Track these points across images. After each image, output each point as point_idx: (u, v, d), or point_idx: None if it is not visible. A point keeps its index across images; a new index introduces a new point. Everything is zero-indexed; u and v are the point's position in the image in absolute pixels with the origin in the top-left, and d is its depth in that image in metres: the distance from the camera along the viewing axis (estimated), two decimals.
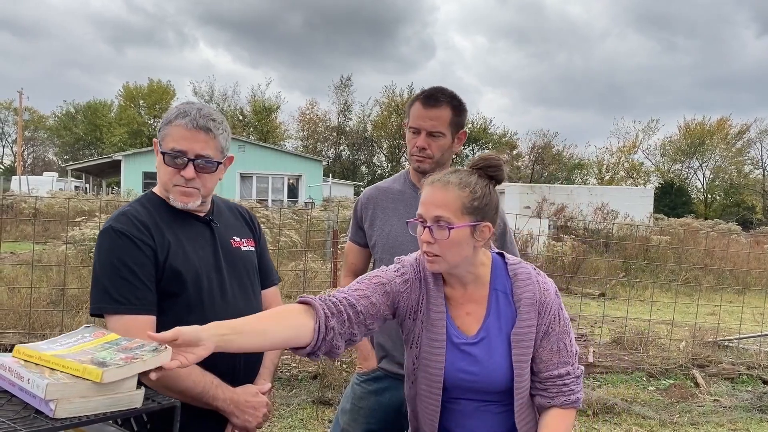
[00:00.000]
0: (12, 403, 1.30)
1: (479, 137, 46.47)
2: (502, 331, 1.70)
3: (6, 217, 14.82)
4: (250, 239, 2.09)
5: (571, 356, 1.73)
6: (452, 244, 1.62)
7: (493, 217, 1.68)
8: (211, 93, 49.05)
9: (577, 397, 1.72)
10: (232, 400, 1.81)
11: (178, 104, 1.93)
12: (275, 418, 4.72)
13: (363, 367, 2.43)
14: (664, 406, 5.35)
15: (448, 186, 1.64)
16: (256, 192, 31.17)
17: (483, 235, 1.66)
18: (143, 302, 1.74)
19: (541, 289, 1.72)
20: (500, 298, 1.72)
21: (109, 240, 1.78)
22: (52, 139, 56.27)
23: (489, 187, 1.68)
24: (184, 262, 1.82)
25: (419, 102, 2.27)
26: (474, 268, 1.72)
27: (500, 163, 1.71)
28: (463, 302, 1.74)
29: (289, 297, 7.69)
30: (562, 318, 1.72)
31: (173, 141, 1.83)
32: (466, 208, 1.62)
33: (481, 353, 1.70)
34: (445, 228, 1.60)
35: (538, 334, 1.70)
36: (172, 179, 1.84)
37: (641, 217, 18.90)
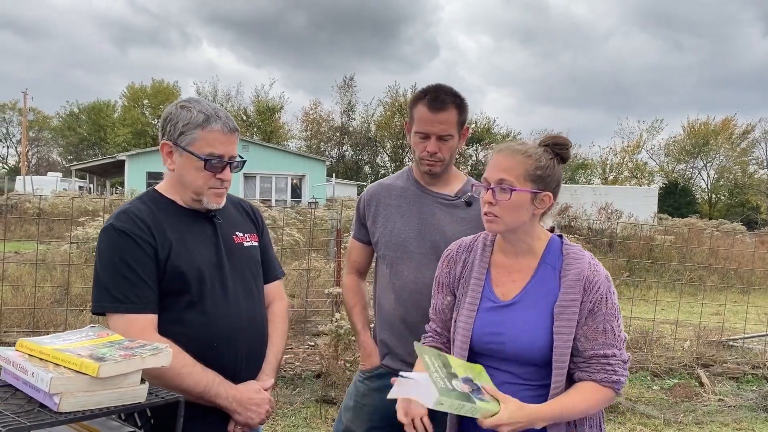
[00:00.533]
0: (16, 396, 1.30)
1: (483, 137, 46.42)
2: (540, 300, 1.73)
3: (10, 216, 14.87)
4: (253, 234, 2.08)
5: (618, 341, 1.72)
6: (512, 207, 1.72)
7: (554, 189, 1.77)
8: (214, 93, 49.11)
9: (617, 379, 1.70)
10: (234, 397, 1.81)
11: (185, 103, 1.88)
12: (278, 416, 4.72)
13: (366, 364, 2.42)
14: (669, 406, 5.34)
15: (514, 153, 1.76)
16: (260, 192, 31.21)
17: (543, 203, 1.75)
18: (144, 301, 1.74)
19: (591, 268, 1.74)
20: (547, 271, 1.77)
21: (109, 238, 1.77)
22: (56, 140, 56.41)
23: (554, 161, 1.77)
24: (186, 260, 1.82)
25: (425, 106, 2.23)
26: (529, 238, 1.79)
27: (567, 142, 1.81)
28: (511, 271, 1.81)
29: (293, 296, 7.69)
30: (610, 301, 1.72)
31: (210, 146, 1.83)
32: (529, 174, 1.73)
33: (510, 316, 1.75)
34: (507, 190, 1.71)
35: (583, 311, 1.71)
36: (208, 182, 1.86)
37: (645, 216, 18.86)
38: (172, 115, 1.86)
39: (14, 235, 13.02)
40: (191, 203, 1.91)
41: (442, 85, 2.29)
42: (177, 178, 1.88)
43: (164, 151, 1.87)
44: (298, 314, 6.68)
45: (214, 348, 1.84)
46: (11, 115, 54.25)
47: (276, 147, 36.31)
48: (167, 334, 1.75)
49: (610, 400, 1.75)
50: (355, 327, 2.52)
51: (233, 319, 1.89)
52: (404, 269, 2.31)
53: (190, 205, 1.91)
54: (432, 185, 2.37)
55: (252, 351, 1.95)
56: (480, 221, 2.31)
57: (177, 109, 1.87)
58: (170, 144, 1.85)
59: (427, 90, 2.28)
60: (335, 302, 6.05)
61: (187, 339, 1.77)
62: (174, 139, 1.84)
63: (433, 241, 2.30)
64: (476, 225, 2.33)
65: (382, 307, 2.39)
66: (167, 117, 1.87)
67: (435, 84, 2.31)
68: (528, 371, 1.75)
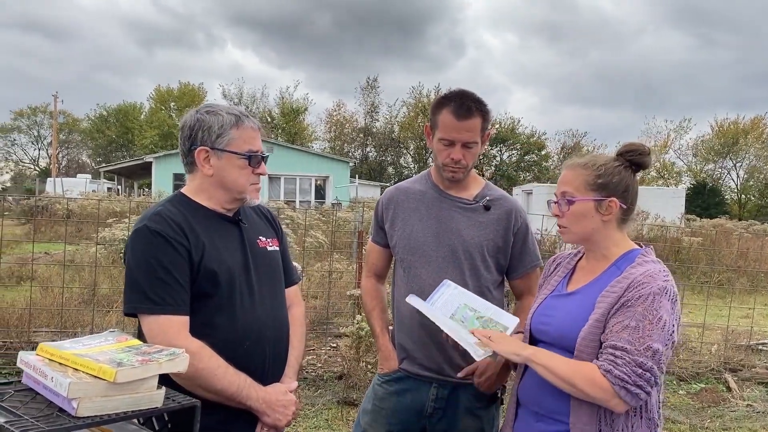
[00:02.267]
0: (36, 400, 1.33)
1: (507, 137, 46.12)
2: (594, 294, 1.79)
3: (41, 218, 15.17)
4: (274, 239, 2.12)
5: (642, 344, 1.64)
6: (576, 216, 1.83)
7: (622, 195, 1.82)
8: (240, 95, 49.57)
9: (618, 374, 1.63)
10: (264, 399, 1.85)
11: (209, 109, 1.93)
12: (300, 417, 4.74)
13: (384, 367, 2.42)
14: (695, 411, 5.25)
15: (574, 166, 1.86)
16: (284, 193, 31.40)
17: (610, 209, 1.81)
18: (179, 302, 1.77)
19: (646, 273, 1.74)
20: (613, 272, 1.82)
21: (144, 239, 1.79)
22: (85, 142, 57.42)
23: (621, 168, 1.83)
24: (218, 263, 1.85)
25: (451, 114, 2.21)
26: (605, 244, 1.86)
27: (638, 148, 1.85)
28: (587, 272, 1.91)
29: (315, 297, 7.72)
30: (653, 309, 1.67)
31: (248, 143, 1.90)
32: (589, 184, 1.81)
33: (564, 303, 1.87)
34: (569, 202, 1.83)
35: (616, 304, 1.71)
36: (250, 178, 1.92)
37: (672, 217, 18.56)
38: (201, 122, 1.89)
39: (44, 236, 13.26)
40: (228, 204, 1.95)
41: (467, 92, 2.28)
42: (216, 182, 1.91)
43: (200, 158, 1.89)
44: (320, 315, 6.71)
45: (244, 350, 1.87)
46: (42, 118, 55.38)
47: (300, 148, 36.51)
48: (198, 336, 1.77)
49: (603, 393, 1.66)
50: (373, 330, 2.53)
51: (261, 322, 1.93)
52: (422, 273, 2.31)
53: (223, 206, 1.95)
54: (451, 189, 2.37)
55: (277, 353, 1.99)
56: (497, 226, 2.32)
57: (204, 115, 1.90)
58: (207, 149, 1.88)
59: (452, 96, 2.26)
60: (357, 304, 6.06)
61: (217, 341, 1.80)
62: (211, 143, 1.88)
63: (450, 245, 2.30)
64: (494, 229, 2.32)
65: (400, 311, 2.39)
66: (194, 125, 1.90)
67: (459, 90, 2.29)
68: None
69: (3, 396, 1.33)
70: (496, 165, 46.68)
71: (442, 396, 2.31)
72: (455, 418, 2.32)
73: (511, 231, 2.34)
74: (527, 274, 2.39)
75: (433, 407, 2.32)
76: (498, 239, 2.32)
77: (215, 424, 1.76)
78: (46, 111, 53.89)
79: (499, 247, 2.33)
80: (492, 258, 2.33)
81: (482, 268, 2.31)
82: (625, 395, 1.64)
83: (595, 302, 1.77)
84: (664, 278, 1.74)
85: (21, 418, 1.22)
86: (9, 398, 1.32)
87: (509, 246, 2.35)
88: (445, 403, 2.31)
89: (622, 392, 1.64)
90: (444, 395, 2.31)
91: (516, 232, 2.35)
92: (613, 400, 1.66)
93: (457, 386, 2.30)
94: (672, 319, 1.71)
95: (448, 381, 2.30)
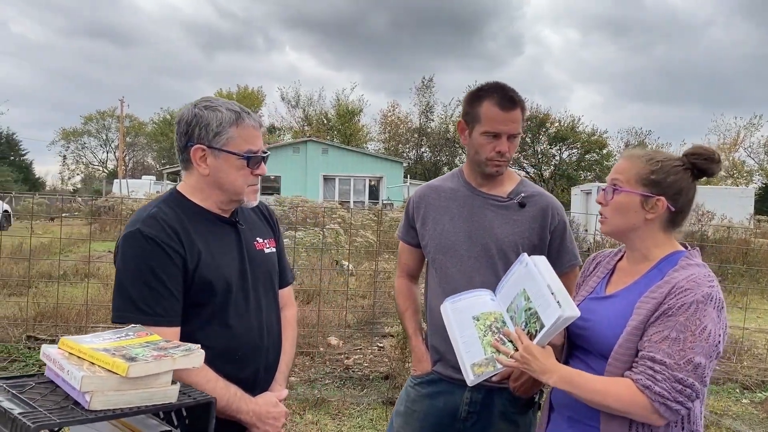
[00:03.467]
0: (56, 393, 1.34)
1: (566, 136, 45.12)
2: (633, 296, 1.70)
3: (106, 217, 15.77)
4: (271, 239, 2.04)
5: (683, 358, 1.55)
6: (618, 208, 1.74)
7: (673, 197, 1.72)
8: (297, 98, 50.28)
9: (657, 390, 1.54)
10: (254, 412, 1.79)
11: (208, 104, 1.82)
12: (345, 416, 4.74)
13: (417, 369, 2.38)
14: (759, 421, 4.97)
15: (632, 157, 1.78)
16: (339, 194, 31.69)
17: (656, 208, 1.71)
18: (170, 313, 1.70)
19: (689, 278, 1.63)
20: (654, 275, 1.73)
21: (136, 245, 1.70)
22: (150, 145, 59.43)
23: (680, 169, 1.72)
24: (215, 271, 1.77)
25: (495, 105, 2.17)
26: (645, 245, 1.76)
27: (706, 153, 1.73)
28: (627, 274, 1.81)
29: (364, 297, 7.73)
30: (696, 318, 1.57)
31: (248, 142, 1.80)
32: (642, 178, 1.72)
33: (602, 306, 1.78)
34: (615, 190, 1.74)
35: (657, 311, 1.61)
36: (248, 180, 1.83)
37: (740, 218, 17.73)
38: (198, 117, 1.78)
39: (109, 235, 13.77)
40: (223, 206, 1.87)
41: (505, 84, 2.24)
42: (212, 182, 1.82)
43: (196, 156, 1.79)
44: (367, 315, 6.71)
45: (237, 359, 1.82)
46: (110, 122, 57.65)
47: (355, 149, 36.74)
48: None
49: (642, 410, 1.57)
50: (407, 331, 2.49)
51: (255, 331, 1.87)
52: (454, 273, 2.25)
53: (219, 207, 1.87)
54: (484, 186, 2.30)
55: (269, 362, 1.94)
56: (533, 223, 2.24)
57: (202, 110, 1.79)
58: (204, 147, 1.78)
59: (492, 88, 2.22)
60: None
61: (209, 352, 1.67)
62: (208, 142, 1.78)
63: (483, 244, 2.23)
64: (529, 227, 2.24)
65: (432, 312, 2.34)
66: (191, 120, 1.79)
67: (496, 82, 2.25)
68: (598, 363, 1.71)
69: (24, 388, 1.35)
70: (556, 164, 45.72)
71: (476, 400, 2.25)
72: (490, 422, 2.25)
73: (548, 229, 2.26)
74: (565, 274, 2.28)
75: (467, 411, 2.26)
76: (534, 237, 2.24)
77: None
78: (113, 115, 56.08)
79: (535, 246, 2.25)
80: None
81: None
82: (664, 411, 1.56)
83: (634, 307, 1.67)
84: (709, 284, 1.63)
85: (35, 409, 1.24)
86: (29, 390, 1.34)
87: (546, 244, 2.27)
88: (479, 407, 2.25)
89: (662, 408, 1.56)
90: (478, 399, 2.25)
91: (553, 230, 2.27)
92: (653, 416, 1.58)
93: (491, 390, 2.23)
94: (718, 329, 1.60)
95: (483, 384, 2.22)
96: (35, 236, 8.98)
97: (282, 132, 49.21)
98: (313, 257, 9.05)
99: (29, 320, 6.10)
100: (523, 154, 45.30)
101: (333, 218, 12.37)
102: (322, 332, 6.12)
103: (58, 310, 6.13)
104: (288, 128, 50.41)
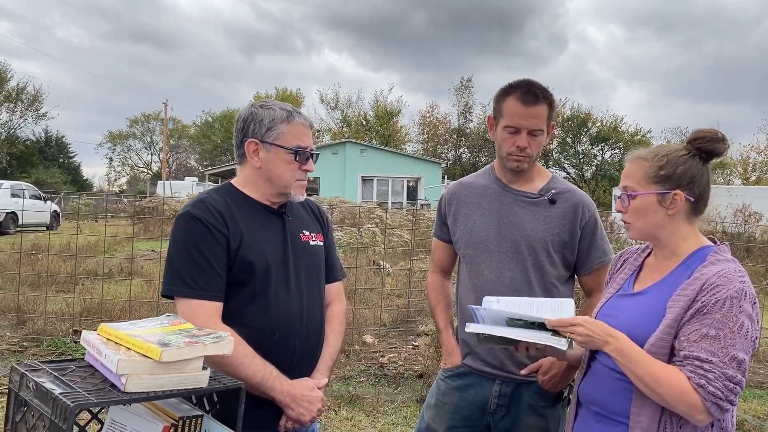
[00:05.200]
0: (94, 376, 1.41)
1: (608, 136, 44.34)
2: (662, 294, 1.68)
3: (150, 217, 16.18)
4: (319, 234, 2.12)
5: (726, 354, 1.53)
6: (637, 211, 1.74)
7: (688, 186, 1.70)
8: (336, 100, 50.63)
9: (710, 389, 1.52)
10: (288, 392, 1.84)
11: (263, 104, 1.98)
12: (379, 413, 4.78)
13: (447, 362, 2.40)
14: None
15: (635, 159, 1.77)
16: (377, 194, 31.80)
17: (675, 203, 1.70)
18: (212, 288, 1.81)
19: (720, 273, 1.61)
20: (682, 271, 1.71)
21: (185, 225, 1.85)
22: (193, 147, 60.68)
23: (687, 158, 1.71)
24: (255, 253, 1.87)
25: (517, 100, 2.18)
26: (673, 240, 1.74)
27: (707, 135, 1.72)
28: (655, 270, 1.79)
29: (400, 297, 7.76)
30: (731, 312, 1.55)
31: (297, 138, 1.94)
32: (651, 177, 1.71)
33: (630, 303, 1.76)
34: (630, 197, 1.74)
35: (690, 309, 1.59)
36: (296, 174, 1.95)
37: None
38: (253, 115, 1.95)
39: (152, 234, 14.13)
40: (273, 198, 1.98)
41: (533, 80, 2.24)
42: (263, 174, 1.95)
43: (249, 150, 1.94)
44: (402, 314, 6.73)
45: (273, 341, 1.88)
46: (154, 125, 59.05)
47: (393, 150, 36.81)
48: (229, 323, 1.80)
49: (690, 408, 1.54)
50: (437, 325, 2.51)
51: (293, 315, 1.93)
52: (484, 268, 2.26)
53: (268, 200, 1.98)
54: (514, 183, 2.31)
55: (308, 347, 1.98)
56: (563, 220, 2.24)
57: (257, 109, 1.96)
58: (257, 141, 1.93)
59: (518, 84, 2.22)
60: None
61: (248, 330, 1.82)
62: (261, 136, 1.93)
63: (513, 240, 2.24)
64: (559, 224, 2.24)
65: (463, 307, 2.35)
66: (248, 117, 1.96)
67: (525, 78, 2.25)
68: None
69: (65, 371, 1.43)
70: (597, 165, 44.97)
71: (505, 393, 2.26)
72: (519, 415, 2.26)
73: (578, 225, 2.25)
74: (596, 270, 2.28)
75: (496, 404, 2.27)
76: (564, 234, 2.24)
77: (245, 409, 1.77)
78: (157, 118, 57.44)
79: (565, 242, 2.24)
80: (557, 253, 2.25)
81: (547, 264, 2.24)
82: (715, 410, 1.54)
83: (664, 305, 1.65)
84: (740, 279, 1.61)
85: (75, 390, 1.30)
86: (70, 373, 1.41)
87: (576, 241, 2.26)
88: (508, 400, 2.26)
89: (713, 408, 1.54)
90: (507, 392, 2.26)
91: (584, 226, 2.26)
92: (699, 415, 1.56)
93: (520, 384, 2.24)
94: (754, 324, 1.58)
95: (512, 378, 2.24)
96: (82, 235, 9.30)
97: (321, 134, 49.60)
98: (350, 257, 9.13)
99: (75, 315, 6.32)
100: (564, 154, 44.69)
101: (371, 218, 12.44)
102: (358, 330, 6.18)
103: (103, 306, 6.34)
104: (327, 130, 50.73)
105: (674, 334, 1.61)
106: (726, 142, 1.73)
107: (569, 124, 44.46)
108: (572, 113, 45.14)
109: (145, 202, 20.86)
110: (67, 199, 24.60)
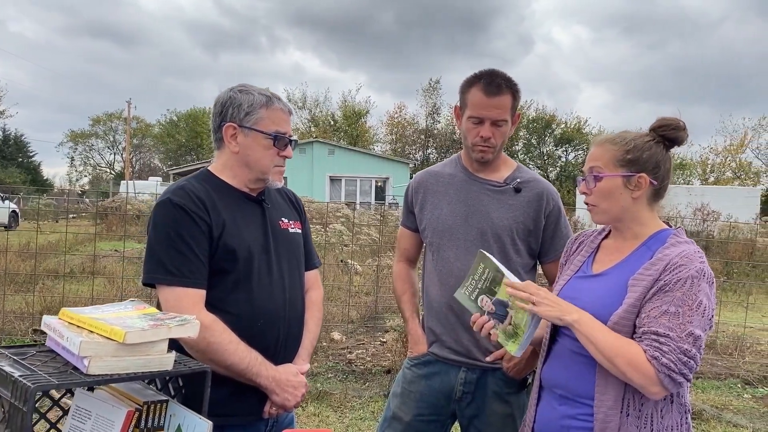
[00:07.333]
0: (56, 360, 1.39)
1: (572, 137, 45.05)
2: (625, 275, 1.72)
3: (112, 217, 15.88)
4: (297, 221, 2.13)
5: (683, 330, 1.58)
6: (603, 193, 1.77)
7: (652, 171, 1.75)
8: (303, 99, 50.36)
9: (664, 361, 1.56)
10: (274, 378, 1.85)
11: (242, 88, 1.94)
12: (347, 409, 4.78)
13: (413, 351, 2.41)
14: (760, 415, 4.98)
15: (603, 142, 1.81)
16: (345, 194, 31.75)
17: (639, 186, 1.75)
18: (195, 275, 1.79)
19: (682, 254, 1.66)
20: (643, 252, 1.75)
21: (166, 212, 1.82)
22: (157, 146, 59.68)
23: (652, 144, 1.77)
24: (238, 240, 1.86)
25: (481, 91, 2.21)
26: (636, 224, 1.79)
27: (670, 123, 1.78)
28: (613, 251, 1.84)
29: (368, 294, 7.76)
30: (692, 293, 1.60)
31: (276, 124, 1.92)
32: (618, 160, 1.75)
33: (591, 285, 1.80)
34: (596, 177, 1.77)
35: (653, 288, 1.64)
36: (274, 160, 1.93)
37: (747, 218, 17.66)
38: (232, 99, 1.92)
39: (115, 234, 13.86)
40: (251, 184, 1.96)
41: (497, 70, 2.26)
42: (241, 160, 1.93)
43: (228, 134, 1.91)
44: (370, 311, 6.74)
45: (258, 328, 1.88)
46: (117, 124, 57.91)
47: (361, 150, 36.79)
48: (213, 311, 1.80)
49: (645, 379, 1.58)
50: (403, 314, 2.52)
51: (276, 301, 1.93)
52: (450, 255, 2.29)
53: (246, 185, 1.97)
54: (481, 172, 2.34)
55: (291, 334, 1.99)
56: (528, 208, 2.27)
57: (236, 93, 1.93)
58: (235, 125, 1.90)
59: (482, 74, 2.25)
60: None
61: (232, 318, 1.82)
62: (239, 121, 1.90)
63: (479, 228, 2.27)
64: (524, 212, 2.27)
65: (429, 295, 2.38)
66: (226, 101, 1.92)
67: (489, 69, 2.27)
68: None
69: (25, 355, 1.40)
70: (561, 166, 45.66)
71: (470, 380, 2.28)
72: (484, 402, 2.28)
73: (543, 214, 2.29)
74: (559, 259, 2.32)
75: (461, 391, 2.29)
76: (528, 222, 2.28)
77: (225, 398, 1.78)
78: (120, 117, 56.35)
79: (530, 231, 2.28)
80: (522, 241, 2.28)
81: (512, 252, 2.27)
82: (668, 383, 1.58)
83: (626, 285, 1.70)
84: (700, 260, 1.67)
85: (36, 373, 1.28)
86: (30, 357, 1.39)
87: (540, 229, 2.30)
88: (473, 387, 2.28)
89: (666, 380, 1.58)
90: (472, 379, 2.28)
91: (548, 215, 2.30)
92: (653, 387, 1.60)
93: (486, 371, 2.27)
94: (711, 304, 1.64)
95: (477, 365, 2.27)
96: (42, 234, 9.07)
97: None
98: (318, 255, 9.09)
99: (35, 314, 6.17)
100: (529, 155, 45.26)
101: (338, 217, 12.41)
102: (326, 328, 6.16)
103: (64, 305, 6.19)
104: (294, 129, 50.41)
105: (636, 312, 1.65)
106: (686, 131, 1.80)
107: (534, 126, 45.06)
108: (537, 115, 45.75)
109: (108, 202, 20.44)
110: (26, 198, 23.97)
